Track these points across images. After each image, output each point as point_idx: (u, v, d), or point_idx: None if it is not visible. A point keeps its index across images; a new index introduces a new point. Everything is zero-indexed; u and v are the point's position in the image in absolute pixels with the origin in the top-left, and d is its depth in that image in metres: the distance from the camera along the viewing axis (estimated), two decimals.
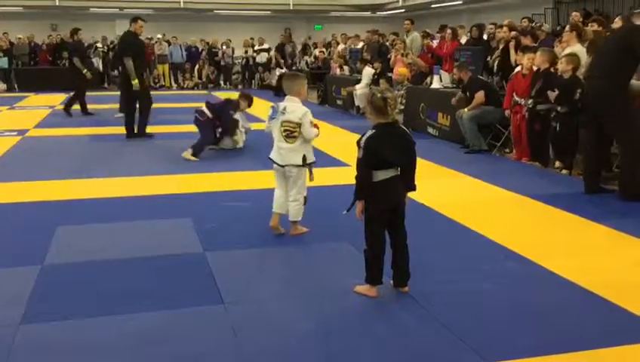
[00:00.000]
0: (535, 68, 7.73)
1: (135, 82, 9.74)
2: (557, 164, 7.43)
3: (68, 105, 13.23)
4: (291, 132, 4.79)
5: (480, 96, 8.52)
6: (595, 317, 3.50)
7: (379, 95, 3.67)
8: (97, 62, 21.22)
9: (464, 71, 8.96)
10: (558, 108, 7.08)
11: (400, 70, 11.81)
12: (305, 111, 4.78)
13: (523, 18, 11.10)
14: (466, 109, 8.65)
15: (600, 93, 6.02)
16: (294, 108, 4.80)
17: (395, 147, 3.67)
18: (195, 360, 3.05)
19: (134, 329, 3.37)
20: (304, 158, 4.82)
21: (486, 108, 8.51)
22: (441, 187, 6.54)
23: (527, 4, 18.60)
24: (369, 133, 3.66)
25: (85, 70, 13.04)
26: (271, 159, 4.93)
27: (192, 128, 9.25)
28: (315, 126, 4.87)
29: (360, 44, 16.13)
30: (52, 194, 6.35)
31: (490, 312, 3.56)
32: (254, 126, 9.53)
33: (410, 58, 12.10)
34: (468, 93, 8.75)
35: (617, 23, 7.10)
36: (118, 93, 13.20)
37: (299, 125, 4.76)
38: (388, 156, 3.64)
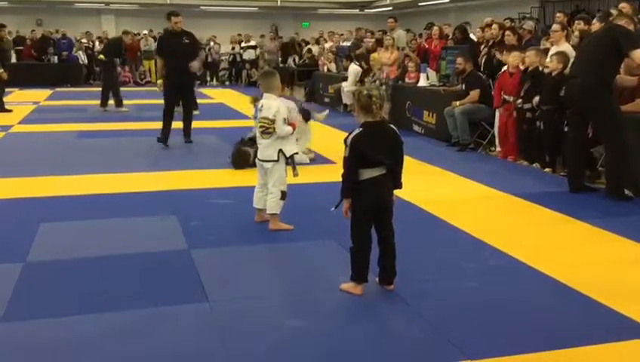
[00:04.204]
0: (522, 67, 7.77)
1: (159, 82, 9.09)
2: (535, 165, 7.48)
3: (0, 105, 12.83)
4: (266, 128, 4.90)
5: (475, 94, 8.57)
6: (579, 315, 3.52)
7: (365, 93, 3.67)
8: (82, 57, 21.09)
9: (469, 63, 8.97)
10: (542, 106, 7.14)
11: (373, 55, 11.80)
12: (277, 108, 4.88)
13: (506, 19, 11.13)
14: (457, 103, 8.69)
15: (586, 90, 6.05)
16: (269, 105, 4.90)
17: (382, 146, 3.66)
18: (179, 359, 3.03)
19: (117, 327, 3.34)
20: (281, 153, 4.92)
21: (478, 105, 8.56)
22: (426, 184, 6.56)
23: (514, 3, 18.67)
24: (356, 131, 3.66)
25: (1, 70, 12.49)
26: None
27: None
28: (290, 124, 4.98)
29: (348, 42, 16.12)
30: (36, 190, 6.29)
31: (475, 310, 3.57)
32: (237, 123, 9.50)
33: (407, 52, 12.11)
34: (464, 86, 8.79)
35: (595, 25, 7.13)
36: (101, 89, 13.16)
37: (273, 121, 4.86)
38: (374, 155, 3.64)
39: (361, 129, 3.66)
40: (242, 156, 7.20)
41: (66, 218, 5.34)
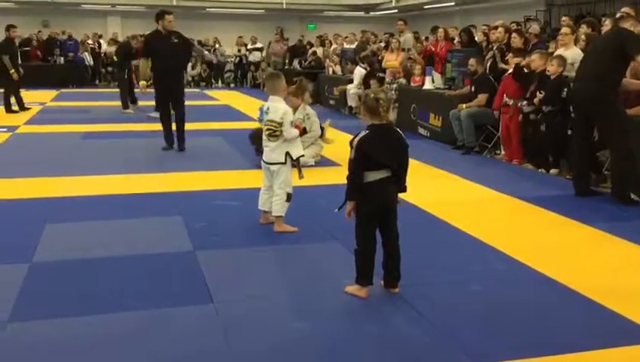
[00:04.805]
0: (526, 70, 7.78)
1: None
2: (540, 169, 7.47)
3: (6, 105, 12.95)
4: (273, 131, 4.90)
5: (482, 98, 8.57)
6: (585, 319, 3.51)
7: (372, 96, 3.68)
8: (88, 59, 21.15)
9: (481, 65, 8.97)
10: (543, 108, 7.15)
11: (393, 63, 11.88)
12: (285, 110, 4.88)
13: (512, 22, 11.13)
14: (464, 105, 8.69)
15: (591, 95, 6.04)
16: (276, 107, 4.90)
17: (387, 149, 3.67)
18: (184, 360, 3.04)
19: (123, 328, 3.35)
20: (288, 155, 4.92)
21: (485, 109, 8.55)
22: (431, 187, 6.55)
23: (519, 6, 18.67)
24: (362, 133, 3.66)
25: (12, 70, 12.65)
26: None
27: (186, 126, 9.21)
28: (297, 126, 4.99)
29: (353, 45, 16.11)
30: (42, 191, 6.31)
31: (480, 313, 3.57)
32: (243, 125, 9.50)
33: (411, 54, 12.15)
34: (474, 88, 8.78)
35: (607, 26, 7.13)
36: (107, 90, 13.15)
37: (280, 124, 4.86)
38: (380, 157, 3.64)
39: (367, 131, 3.66)
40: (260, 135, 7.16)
41: (71, 218, 5.35)
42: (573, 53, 7.40)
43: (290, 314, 3.56)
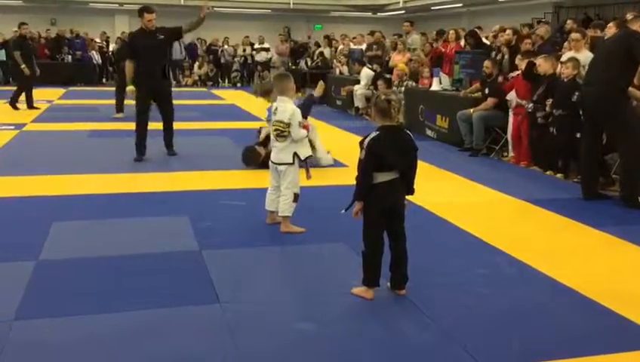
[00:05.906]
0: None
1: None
2: (548, 172, 7.45)
3: (13, 99, 13.04)
4: (281, 131, 4.88)
5: (490, 102, 8.55)
6: (593, 323, 3.49)
7: (383, 97, 3.67)
8: (95, 57, 21.21)
9: (495, 67, 8.94)
10: (554, 112, 7.12)
11: (400, 65, 11.87)
12: (293, 111, 4.86)
13: (524, 25, 11.11)
14: (472, 110, 8.67)
15: (601, 98, 6.01)
16: (284, 108, 4.88)
17: (397, 150, 3.65)
18: (190, 360, 3.03)
19: (128, 327, 3.34)
20: (296, 156, 4.91)
21: (496, 111, 8.52)
22: (438, 189, 6.53)
23: (527, 9, 18.65)
24: (373, 134, 3.65)
25: (23, 66, 12.76)
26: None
27: (190, 126, 9.20)
28: (305, 127, 4.96)
29: (364, 45, 16.07)
30: (48, 189, 6.32)
31: (487, 316, 3.55)
32: (249, 125, 9.49)
33: (415, 55, 12.14)
34: (487, 90, 8.75)
35: (611, 28, 7.09)
36: (114, 88, 13.07)
37: (288, 125, 4.84)
38: (390, 159, 3.62)
39: (377, 132, 3.65)
40: (253, 154, 7.33)
41: (78, 217, 5.35)
42: (585, 56, 7.37)
43: (296, 314, 3.55)
